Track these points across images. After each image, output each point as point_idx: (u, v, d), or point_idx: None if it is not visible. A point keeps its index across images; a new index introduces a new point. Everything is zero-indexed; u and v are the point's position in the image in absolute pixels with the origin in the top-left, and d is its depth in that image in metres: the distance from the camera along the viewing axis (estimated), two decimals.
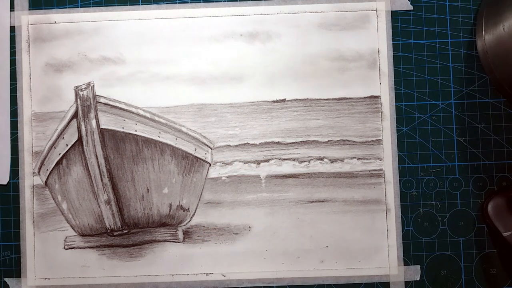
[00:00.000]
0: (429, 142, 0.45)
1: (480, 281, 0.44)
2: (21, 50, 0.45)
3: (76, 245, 0.44)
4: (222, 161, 0.44)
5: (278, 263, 0.44)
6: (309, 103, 0.45)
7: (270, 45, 0.45)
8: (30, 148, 0.45)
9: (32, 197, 0.45)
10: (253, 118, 0.45)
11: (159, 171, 0.44)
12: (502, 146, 0.44)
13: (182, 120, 0.44)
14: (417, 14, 0.45)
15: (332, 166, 0.45)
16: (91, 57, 0.45)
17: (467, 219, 0.44)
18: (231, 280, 0.44)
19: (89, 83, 0.44)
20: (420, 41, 0.45)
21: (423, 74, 0.45)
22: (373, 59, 0.45)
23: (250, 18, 0.45)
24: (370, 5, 0.45)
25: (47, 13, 0.45)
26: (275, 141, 0.45)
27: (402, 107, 0.45)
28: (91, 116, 0.44)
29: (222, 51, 0.45)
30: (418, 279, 0.44)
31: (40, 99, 0.45)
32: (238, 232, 0.44)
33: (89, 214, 0.45)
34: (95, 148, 0.44)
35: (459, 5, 0.45)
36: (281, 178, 0.45)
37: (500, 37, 0.41)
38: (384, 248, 0.44)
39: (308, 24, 0.45)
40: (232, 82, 0.45)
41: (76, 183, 0.44)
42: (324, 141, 0.45)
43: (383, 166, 0.45)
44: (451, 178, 0.45)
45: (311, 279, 0.44)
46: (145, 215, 0.45)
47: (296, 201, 0.44)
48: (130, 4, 0.45)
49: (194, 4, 0.45)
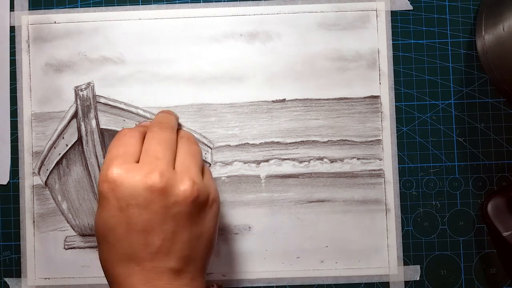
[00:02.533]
0: (429, 142, 0.45)
1: (480, 281, 0.44)
2: (21, 50, 0.45)
3: (76, 245, 0.44)
4: (222, 161, 0.44)
5: (278, 263, 0.44)
6: (309, 103, 0.45)
7: (270, 45, 0.45)
8: (30, 148, 0.45)
9: (32, 197, 0.45)
10: (253, 118, 0.45)
11: None
12: (502, 146, 0.44)
13: (182, 120, 0.44)
14: (417, 14, 0.45)
15: (332, 166, 0.45)
16: (91, 57, 0.45)
17: (467, 219, 0.44)
18: (231, 280, 0.44)
19: (89, 83, 0.45)
20: (420, 41, 0.45)
21: (423, 74, 0.45)
22: (373, 59, 0.45)
23: (250, 18, 0.45)
24: (370, 5, 0.45)
25: (47, 13, 0.45)
26: (275, 141, 0.45)
27: (402, 107, 0.45)
28: (91, 116, 0.44)
29: (222, 51, 0.45)
30: (418, 279, 0.44)
31: (40, 99, 0.45)
32: (238, 232, 0.44)
33: (89, 214, 0.45)
34: (95, 148, 0.44)
35: (459, 5, 0.45)
36: (281, 178, 0.45)
37: (500, 37, 0.41)
38: (384, 248, 0.44)
39: (308, 24, 0.45)
40: (232, 82, 0.45)
41: (76, 183, 0.44)
42: (324, 141, 0.45)
43: (383, 166, 0.45)
44: (451, 178, 0.45)
45: (311, 279, 0.44)
46: None
47: (296, 201, 0.44)
48: (130, 4, 0.45)
49: (194, 4, 0.45)
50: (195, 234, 0.33)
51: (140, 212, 0.32)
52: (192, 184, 0.33)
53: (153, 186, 0.32)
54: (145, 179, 0.32)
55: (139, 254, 0.32)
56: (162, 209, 0.32)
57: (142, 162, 0.33)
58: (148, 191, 0.32)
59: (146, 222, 0.32)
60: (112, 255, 0.33)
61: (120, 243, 0.32)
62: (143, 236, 0.32)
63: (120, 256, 0.33)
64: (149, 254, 0.32)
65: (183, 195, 0.32)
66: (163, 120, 0.38)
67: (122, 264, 0.32)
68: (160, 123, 0.37)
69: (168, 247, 0.32)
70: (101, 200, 0.33)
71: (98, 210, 0.34)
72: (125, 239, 0.32)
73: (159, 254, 0.32)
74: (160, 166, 0.33)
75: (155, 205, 0.32)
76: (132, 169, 0.33)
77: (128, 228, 0.32)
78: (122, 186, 0.32)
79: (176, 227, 0.32)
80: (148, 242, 0.32)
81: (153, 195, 0.32)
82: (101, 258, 0.34)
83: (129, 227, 0.32)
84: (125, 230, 0.32)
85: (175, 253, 0.33)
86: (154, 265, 0.32)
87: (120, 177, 0.32)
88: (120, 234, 0.32)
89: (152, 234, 0.32)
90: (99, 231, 0.33)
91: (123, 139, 0.35)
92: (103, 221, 0.33)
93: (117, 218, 0.32)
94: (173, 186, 0.32)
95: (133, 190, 0.32)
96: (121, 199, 0.32)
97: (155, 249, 0.32)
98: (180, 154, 0.35)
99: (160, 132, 0.35)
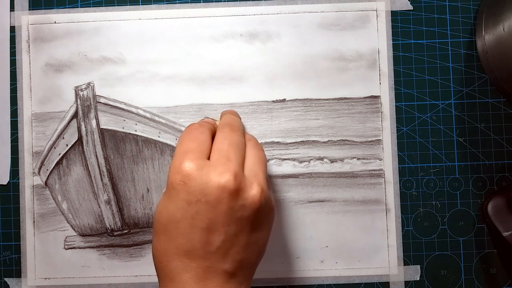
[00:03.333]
0: (429, 142, 0.45)
1: (480, 281, 0.44)
2: (21, 50, 0.45)
3: (76, 245, 0.44)
4: None
5: (278, 263, 0.44)
6: (309, 103, 0.45)
7: (270, 45, 0.45)
8: (30, 148, 0.45)
9: (32, 197, 0.45)
10: (253, 118, 0.45)
11: (159, 171, 0.44)
12: (502, 146, 0.44)
13: (182, 120, 0.45)
14: (417, 14, 0.45)
15: (332, 166, 0.45)
16: (91, 57, 0.45)
17: (467, 219, 0.44)
18: None
19: (89, 83, 0.45)
20: (420, 41, 0.45)
21: (423, 74, 0.45)
22: (373, 59, 0.45)
23: (250, 18, 0.45)
24: (370, 5, 0.45)
25: (47, 13, 0.45)
26: (275, 141, 0.45)
27: (402, 107, 0.45)
28: (91, 116, 0.44)
29: (222, 51, 0.45)
30: (418, 279, 0.44)
31: (40, 99, 0.45)
32: None
33: (89, 214, 0.45)
34: (95, 148, 0.44)
35: (459, 5, 0.45)
36: (281, 178, 0.45)
37: (500, 37, 0.41)
38: (384, 248, 0.44)
39: (308, 24, 0.45)
40: (232, 82, 0.45)
41: (76, 183, 0.44)
42: (324, 141, 0.45)
43: (383, 166, 0.45)
44: (451, 178, 0.45)
45: (311, 279, 0.44)
46: (145, 215, 0.45)
47: (296, 201, 0.44)
48: (130, 4, 0.45)
49: (194, 4, 0.45)
50: (252, 240, 0.33)
51: (208, 210, 0.32)
52: (261, 191, 0.33)
53: (225, 187, 0.32)
54: (218, 178, 0.32)
55: (197, 252, 0.32)
56: (229, 210, 0.32)
57: (215, 161, 0.33)
58: (220, 190, 0.32)
59: (211, 221, 0.32)
60: (170, 247, 0.33)
61: (181, 237, 0.32)
62: (205, 234, 0.32)
63: (177, 250, 0.32)
64: (207, 253, 0.32)
65: (251, 200, 0.32)
66: (233, 122, 0.38)
67: (178, 258, 0.32)
68: (231, 125, 0.37)
69: (226, 249, 0.32)
70: (170, 191, 0.33)
71: (163, 200, 0.33)
72: (187, 234, 0.32)
73: (216, 255, 0.32)
74: (233, 168, 0.33)
75: (223, 205, 0.32)
76: (205, 165, 0.33)
77: (192, 224, 0.32)
78: (195, 181, 0.32)
79: (238, 231, 0.33)
80: (209, 240, 0.32)
81: (223, 195, 0.32)
82: (157, 248, 0.34)
83: (194, 222, 0.32)
84: (189, 225, 0.32)
85: (231, 256, 0.33)
86: (209, 264, 0.32)
87: (193, 172, 0.32)
88: (183, 228, 0.32)
89: (214, 233, 0.32)
90: (161, 221, 0.33)
91: (194, 134, 0.35)
92: (169, 212, 0.33)
93: (183, 212, 0.32)
94: (243, 190, 0.32)
95: (205, 187, 0.32)
96: (192, 194, 0.32)
97: (214, 249, 0.32)
98: (250, 158, 0.35)
99: (231, 133, 0.36)
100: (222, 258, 0.32)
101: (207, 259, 0.32)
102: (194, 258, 0.32)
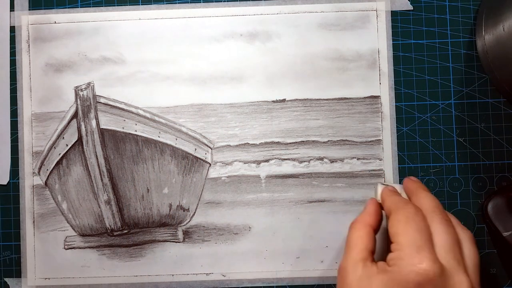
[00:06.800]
0: (429, 142, 0.45)
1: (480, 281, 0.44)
2: (21, 50, 0.45)
3: (76, 245, 0.44)
4: (222, 161, 0.44)
5: (278, 263, 0.44)
6: (309, 103, 0.45)
7: (270, 45, 0.45)
8: (30, 148, 0.45)
9: (32, 197, 0.45)
10: (253, 118, 0.45)
11: (159, 171, 0.44)
12: (502, 146, 0.44)
13: (182, 120, 0.45)
14: (417, 14, 0.45)
15: (332, 166, 0.45)
16: (91, 57, 0.45)
17: (467, 219, 0.44)
18: (231, 280, 0.44)
19: (89, 83, 0.45)
20: (420, 41, 0.45)
21: (423, 74, 0.45)
22: (373, 59, 0.45)
23: (250, 18, 0.45)
24: (370, 5, 0.45)
25: (47, 13, 0.45)
26: (275, 141, 0.45)
27: (402, 107, 0.45)
28: (91, 116, 0.44)
29: (222, 51, 0.45)
30: None
31: (40, 99, 0.45)
32: (238, 232, 0.44)
33: (89, 214, 0.45)
34: (95, 148, 0.44)
35: (459, 5, 0.45)
36: (281, 178, 0.45)
37: (500, 37, 0.41)
38: None
39: (308, 24, 0.45)
40: (232, 82, 0.45)
41: (76, 183, 0.44)
42: (324, 141, 0.45)
43: (383, 166, 0.45)
44: (451, 178, 0.45)
45: (311, 279, 0.44)
46: (145, 215, 0.45)
47: (296, 201, 0.44)
48: (130, 4, 0.45)
49: (194, 4, 0.45)
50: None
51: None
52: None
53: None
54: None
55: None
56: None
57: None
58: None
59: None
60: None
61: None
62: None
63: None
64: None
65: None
66: (435, 204, 0.36)
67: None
68: (440, 212, 0.36)
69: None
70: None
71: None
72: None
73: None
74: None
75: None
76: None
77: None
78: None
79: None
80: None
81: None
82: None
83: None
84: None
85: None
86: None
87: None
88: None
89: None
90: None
91: (420, 224, 0.34)
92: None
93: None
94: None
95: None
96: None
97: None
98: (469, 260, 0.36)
99: (451, 228, 0.35)
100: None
101: None
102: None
